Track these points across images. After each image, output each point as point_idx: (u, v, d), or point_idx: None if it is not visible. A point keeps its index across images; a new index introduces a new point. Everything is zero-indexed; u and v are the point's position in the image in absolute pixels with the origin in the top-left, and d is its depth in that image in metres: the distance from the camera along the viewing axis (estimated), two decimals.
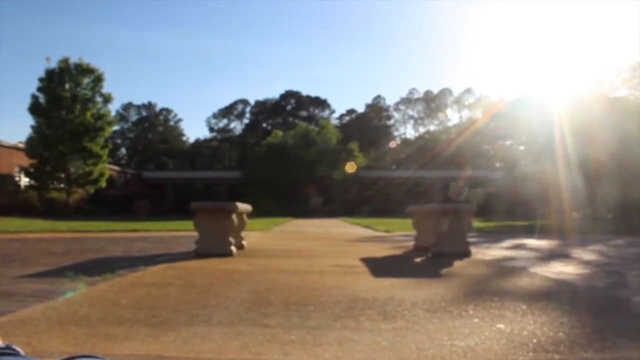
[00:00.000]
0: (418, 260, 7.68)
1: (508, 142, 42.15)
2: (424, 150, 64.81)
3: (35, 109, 32.76)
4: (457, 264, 6.88)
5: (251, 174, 53.15)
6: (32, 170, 33.15)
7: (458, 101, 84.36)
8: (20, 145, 34.85)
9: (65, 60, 33.14)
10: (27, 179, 34.67)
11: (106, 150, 34.97)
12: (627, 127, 25.02)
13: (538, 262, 7.48)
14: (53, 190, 34.02)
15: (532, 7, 70.79)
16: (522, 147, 36.62)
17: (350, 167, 52.66)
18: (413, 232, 9.72)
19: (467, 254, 7.82)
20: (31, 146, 33.01)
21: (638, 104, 28.88)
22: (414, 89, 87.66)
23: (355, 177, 54.41)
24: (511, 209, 31.64)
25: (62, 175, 33.48)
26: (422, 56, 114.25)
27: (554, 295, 4.49)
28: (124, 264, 6.43)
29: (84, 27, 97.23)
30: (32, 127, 33.12)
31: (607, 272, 6.41)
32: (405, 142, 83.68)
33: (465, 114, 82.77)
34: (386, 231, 16.38)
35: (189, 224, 10.29)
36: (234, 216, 7.78)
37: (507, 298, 4.19)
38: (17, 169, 35.70)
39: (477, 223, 15.57)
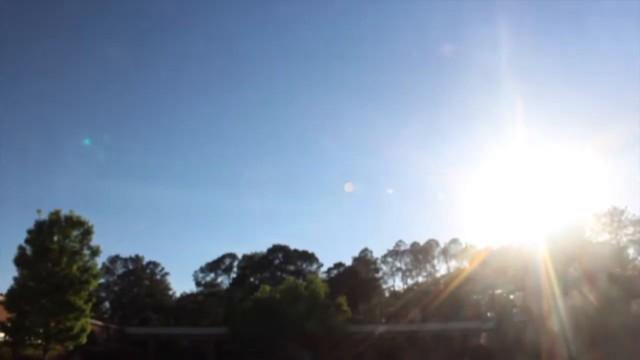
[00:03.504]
0: None
1: (498, 291, 41.93)
2: (413, 302, 64.01)
3: (21, 260, 32.47)
4: None
5: (238, 330, 51.78)
6: (9, 324, 31.94)
7: (445, 252, 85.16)
8: (0, 298, 33.99)
9: (56, 213, 33.53)
10: (1, 334, 33.29)
11: (90, 305, 34.13)
12: (613, 273, 25.24)
13: None
14: (29, 346, 32.56)
15: (510, 159, 74.79)
16: (512, 296, 36.45)
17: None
18: None
19: None
20: (11, 299, 32.17)
21: (619, 249, 29.43)
22: (400, 241, 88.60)
23: (344, 332, 53.05)
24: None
25: (41, 330, 32.26)
26: (408, 208, 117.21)
27: None
28: None
29: (75, 179, 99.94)
30: (15, 278, 32.61)
31: None
32: (394, 294, 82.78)
33: (453, 264, 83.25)
34: None
35: None
36: None
37: None
38: None
39: None
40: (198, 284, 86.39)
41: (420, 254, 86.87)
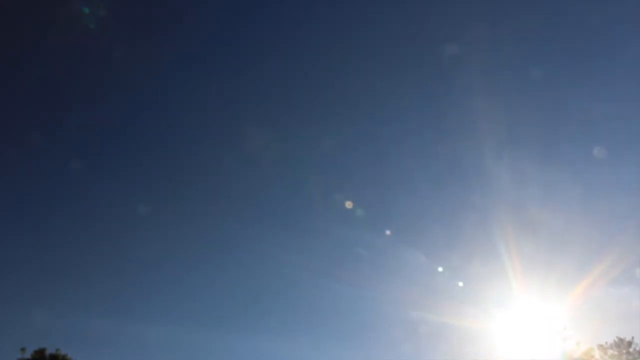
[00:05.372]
0: None
1: None
2: None
3: None
4: None
5: None
6: None
7: None
8: None
9: (41, 351, 31.95)
10: None
11: None
12: None
13: None
14: None
15: (510, 295, 73.53)
16: None
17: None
18: None
19: None
20: None
21: None
22: None
23: None
24: None
25: None
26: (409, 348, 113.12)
27: None
28: None
29: (62, 316, 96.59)
30: None
31: None
32: None
33: None
34: None
35: None
36: None
37: None
38: None
39: None
40: None
41: None
